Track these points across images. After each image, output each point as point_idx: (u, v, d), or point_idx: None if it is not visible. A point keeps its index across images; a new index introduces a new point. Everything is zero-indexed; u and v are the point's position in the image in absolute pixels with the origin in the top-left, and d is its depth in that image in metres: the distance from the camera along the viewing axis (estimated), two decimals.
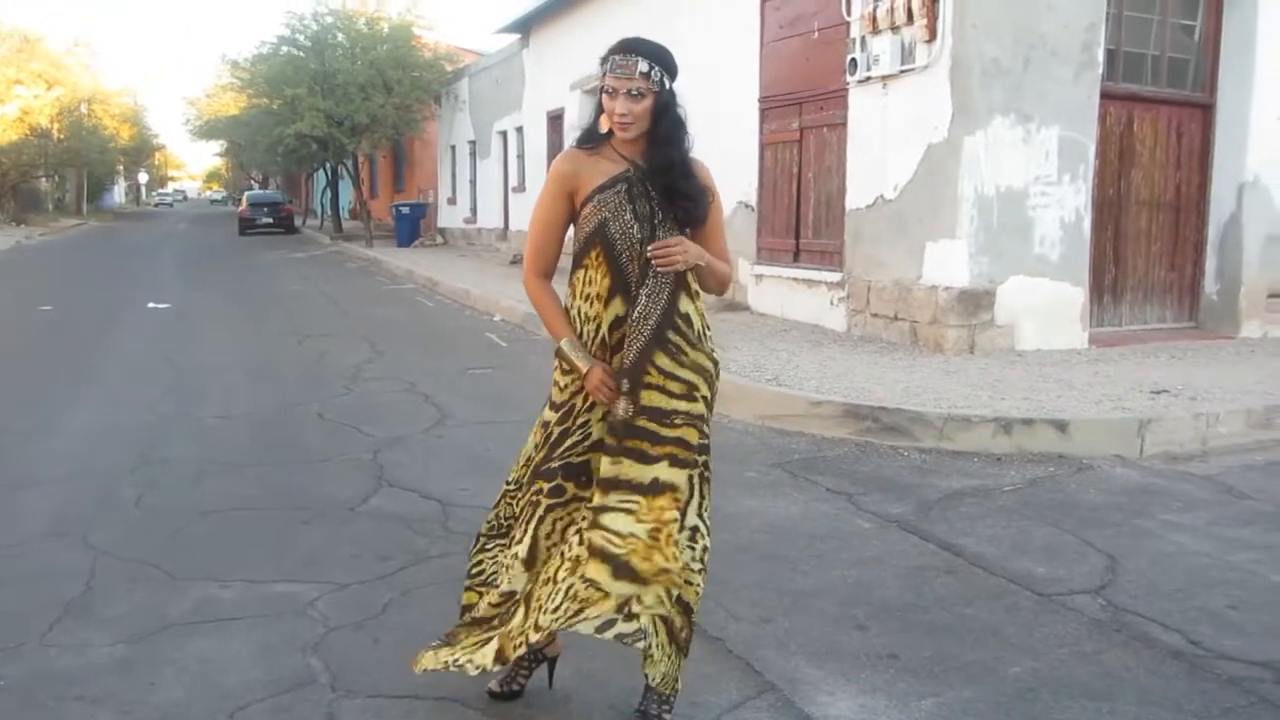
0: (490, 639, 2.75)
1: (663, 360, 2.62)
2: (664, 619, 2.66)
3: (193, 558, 4.12)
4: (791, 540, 4.36)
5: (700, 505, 2.77)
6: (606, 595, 2.59)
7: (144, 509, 4.79)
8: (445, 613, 3.52)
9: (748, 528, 4.50)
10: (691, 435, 2.65)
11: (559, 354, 2.72)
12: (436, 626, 3.39)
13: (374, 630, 3.44)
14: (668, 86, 2.63)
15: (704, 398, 2.68)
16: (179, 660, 3.21)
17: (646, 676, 2.73)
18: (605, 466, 2.64)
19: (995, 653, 3.30)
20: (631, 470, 2.61)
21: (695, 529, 2.76)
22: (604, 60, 2.64)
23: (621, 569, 2.58)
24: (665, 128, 2.65)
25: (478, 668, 2.74)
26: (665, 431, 2.62)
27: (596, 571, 2.59)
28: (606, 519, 2.60)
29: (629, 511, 2.60)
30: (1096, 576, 3.98)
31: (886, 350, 8.48)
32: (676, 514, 2.64)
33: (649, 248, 2.62)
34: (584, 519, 2.67)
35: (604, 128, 2.68)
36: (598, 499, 2.63)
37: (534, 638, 2.64)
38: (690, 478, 2.69)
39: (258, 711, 2.90)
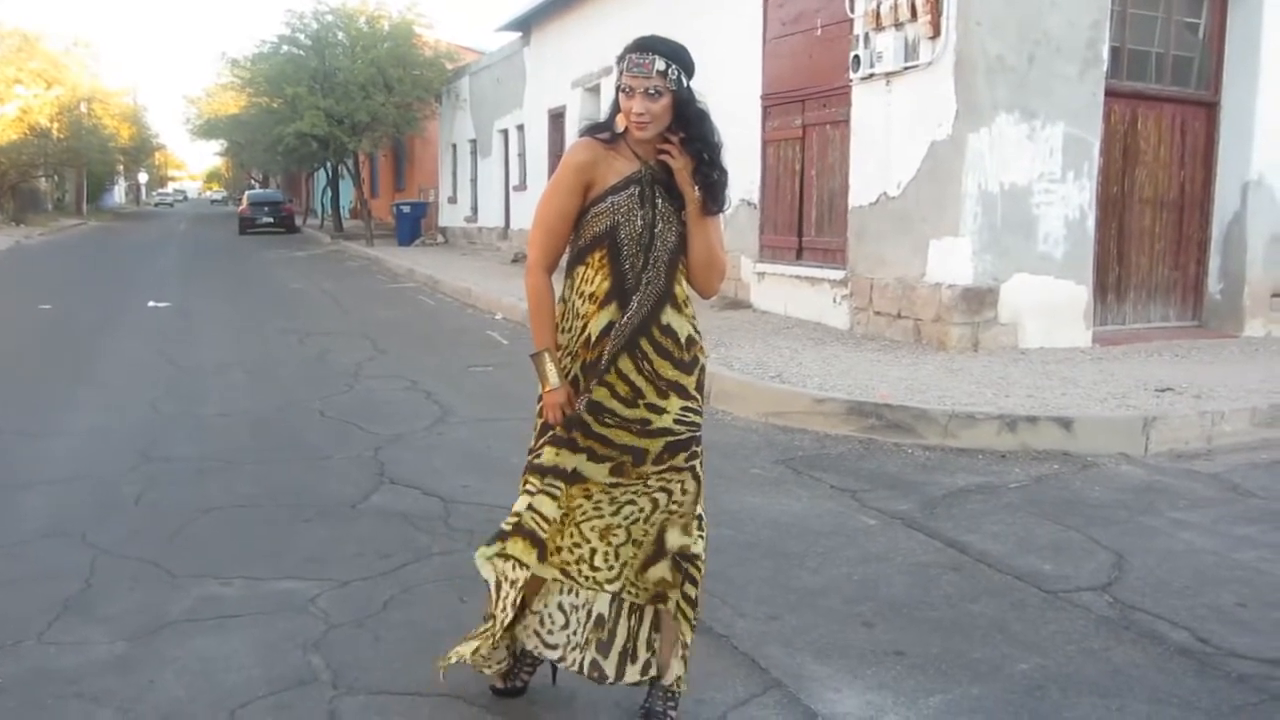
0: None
1: (625, 364, 2.64)
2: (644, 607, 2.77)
3: (193, 555, 4.09)
4: (796, 537, 4.34)
5: (700, 496, 2.77)
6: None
7: (144, 507, 4.76)
8: (447, 609, 3.52)
9: (752, 525, 4.48)
10: (622, 436, 2.66)
11: (535, 360, 2.70)
12: (438, 623, 3.39)
13: (375, 628, 3.42)
14: (685, 85, 2.59)
15: (658, 408, 2.67)
16: (179, 658, 3.19)
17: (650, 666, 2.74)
18: (547, 455, 2.70)
19: (1003, 650, 3.28)
20: (562, 458, 2.68)
21: (700, 517, 2.77)
22: (620, 59, 2.60)
23: (544, 551, 2.69)
24: (693, 123, 2.62)
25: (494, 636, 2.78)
26: (596, 427, 2.66)
27: (519, 550, 2.69)
28: (536, 501, 2.69)
29: (553, 497, 2.69)
30: (1103, 574, 3.95)
31: (890, 348, 8.44)
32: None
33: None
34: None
35: (620, 126, 2.64)
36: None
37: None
38: (695, 468, 2.72)
39: (259, 709, 2.87)
